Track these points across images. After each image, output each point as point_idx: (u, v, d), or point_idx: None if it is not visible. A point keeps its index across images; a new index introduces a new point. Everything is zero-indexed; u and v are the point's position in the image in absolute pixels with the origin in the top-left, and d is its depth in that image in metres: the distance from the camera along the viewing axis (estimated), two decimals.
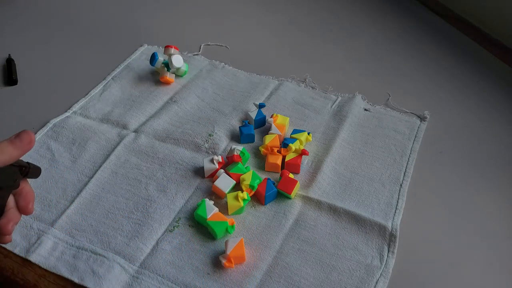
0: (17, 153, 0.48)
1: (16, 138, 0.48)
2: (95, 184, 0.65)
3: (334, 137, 0.72)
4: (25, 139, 0.48)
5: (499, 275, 0.56)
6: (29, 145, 0.48)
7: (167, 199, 0.63)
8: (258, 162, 0.69)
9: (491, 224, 0.61)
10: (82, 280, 0.53)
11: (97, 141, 0.71)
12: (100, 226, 0.59)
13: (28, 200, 0.52)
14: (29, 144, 0.48)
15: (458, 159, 0.70)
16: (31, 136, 0.48)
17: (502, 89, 0.83)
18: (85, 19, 1.00)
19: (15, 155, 0.48)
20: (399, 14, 1.04)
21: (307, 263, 0.56)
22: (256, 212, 0.62)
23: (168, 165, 0.68)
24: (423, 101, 0.80)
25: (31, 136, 0.48)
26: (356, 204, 0.62)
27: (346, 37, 0.97)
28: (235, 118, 0.76)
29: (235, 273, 0.54)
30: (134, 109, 0.77)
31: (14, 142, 0.48)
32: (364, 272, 0.55)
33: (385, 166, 0.68)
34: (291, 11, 1.05)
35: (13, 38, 0.94)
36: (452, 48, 0.93)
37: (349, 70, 0.87)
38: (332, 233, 0.59)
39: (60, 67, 0.87)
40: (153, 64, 0.82)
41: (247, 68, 0.87)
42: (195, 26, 0.99)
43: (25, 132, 0.48)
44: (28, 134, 0.48)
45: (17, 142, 0.48)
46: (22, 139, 0.48)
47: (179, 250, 0.57)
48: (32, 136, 0.48)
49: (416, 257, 0.57)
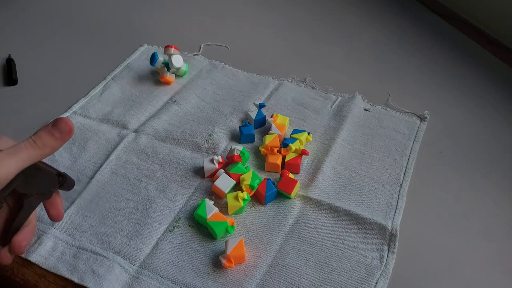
0: (58, 145, 0.44)
1: (54, 128, 0.44)
2: (95, 184, 0.65)
3: (334, 137, 0.72)
4: (65, 129, 0.44)
5: (499, 275, 0.56)
6: (69, 134, 0.44)
7: (167, 199, 0.63)
8: (258, 162, 0.69)
9: (491, 224, 0.61)
10: (82, 280, 0.53)
11: (97, 141, 0.71)
12: (100, 226, 0.59)
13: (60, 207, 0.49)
14: (69, 134, 0.44)
15: (458, 159, 0.70)
16: (70, 124, 0.44)
17: (502, 89, 0.83)
18: (85, 19, 1.00)
19: (57, 147, 0.44)
20: (399, 14, 1.04)
21: (307, 263, 0.56)
22: (256, 212, 0.62)
23: (168, 165, 0.68)
24: (423, 101, 0.80)
25: (70, 125, 0.44)
26: (356, 204, 0.62)
27: (346, 37, 0.97)
28: (235, 118, 0.76)
29: (235, 273, 0.54)
30: (134, 109, 0.77)
31: (53, 133, 0.44)
32: (364, 272, 0.55)
33: (385, 166, 0.68)
34: (291, 11, 1.05)
35: (13, 38, 0.94)
36: (452, 48, 0.93)
37: (349, 70, 0.87)
38: (332, 233, 0.59)
39: (60, 67, 0.87)
40: (153, 64, 0.82)
41: (247, 68, 0.87)
42: (195, 26, 0.99)
43: (63, 120, 0.44)
44: (67, 123, 0.44)
45: (56, 133, 0.44)
46: (61, 130, 0.44)
47: (179, 250, 0.57)
48: (72, 125, 0.44)
49: (416, 257, 0.57)
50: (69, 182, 0.49)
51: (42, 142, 0.43)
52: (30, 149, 0.42)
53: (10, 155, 0.41)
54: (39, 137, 0.43)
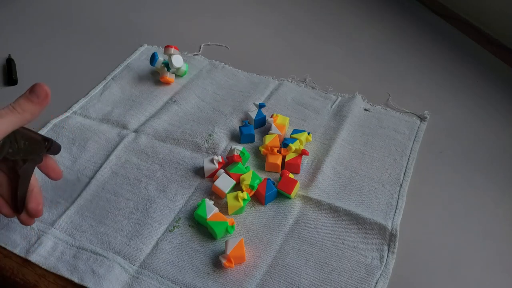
0: (37, 109, 0.45)
1: (31, 94, 0.45)
2: (95, 184, 0.65)
3: (334, 137, 0.72)
4: (41, 93, 0.45)
5: (499, 275, 0.56)
6: (46, 99, 0.45)
7: (167, 199, 0.63)
8: (258, 162, 0.69)
9: (491, 224, 0.61)
10: (82, 280, 0.53)
11: (97, 141, 0.71)
12: (100, 226, 0.59)
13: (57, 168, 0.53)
14: (45, 98, 0.45)
15: (458, 159, 0.70)
16: (46, 89, 0.45)
17: (502, 89, 0.83)
18: (85, 19, 1.00)
19: (36, 112, 0.46)
20: (399, 14, 1.04)
21: (307, 263, 0.56)
22: (256, 212, 0.62)
23: (168, 165, 0.68)
24: (423, 101, 0.80)
25: (46, 90, 0.45)
26: (356, 204, 0.62)
27: (346, 37, 0.97)
28: (235, 118, 0.76)
29: (235, 273, 0.54)
30: (134, 109, 0.77)
31: (31, 99, 0.45)
32: (364, 272, 0.55)
33: (385, 166, 0.68)
34: (291, 11, 1.05)
35: (13, 38, 0.94)
36: (452, 48, 0.93)
37: (349, 70, 0.87)
38: (332, 233, 0.59)
39: (60, 67, 0.87)
40: (153, 64, 0.82)
41: (247, 68, 0.87)
42: (195, 26, 0.99)
43: (39, 85, 0.45)
44: (43, 88, 0.45)
45: (33, 98, 0.45)
46: (38, 94, 0.45)
47: (179, 250, 0.57)
48: (48, 90, 0.45)
49: (416, 257, 0.57)
50: (55, 146, 0.51)
51: (21, 107, 0.45)
52: (10, 115, 0.44)
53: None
54: (18, 103, 0.45)
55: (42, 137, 0.50)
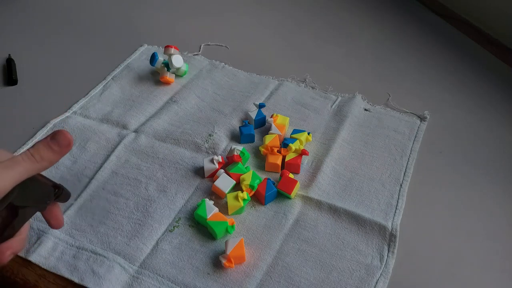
0: (56, 158, 0.43)
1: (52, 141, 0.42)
2: (95, 184, 0.65)
3: (334, 137, 0.72)
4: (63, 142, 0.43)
5: (499, 275, 0.56)
6: (67, 147, 0.43)
7: (167, 199, 0.63)
8: (258, 162, 0.69)
9: (491, 224, 0.61)
10: (82, 280, 0.53)
11: (97, 141, 0.71)
12: (100, 226, 0.59)
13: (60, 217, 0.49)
14: (67, 147, 0.43)
15: (458, 159, 0.70)
16: (69, 137, 0.43)
17: (502, 89, 0.83)
18: (85, 19, 1.00)
19: (55, 161, 0.43)
20: (399, 14, 1.04)
21: (307, 263, 0.56)
22: (256, 212, 0.62)
23: (168, 165, 0.68)
24: (423, 101, 0.80)
25: (69, 138, 0.43)
26: (356, 204, 0.62)
27: (346, 37, 0.97)
28: (235, 118, 0.76)
29: (235, 273, 0.54)
30: (134, 109, 0.77)
31: (52, 147, 0.42)
32: (364, 272, 0.55)
33: (385, 166, 0.68)
34: (291, 11, 1.05)
35: (13, 38, 0.94)
36: (452, 48, 0.93)
37: (349, 70, 0.87)
38: (332, 233, 0.59)
39: (60, 67, 0.87)
40: (153, 64, 0.82)
41: (247, 68, 0.87)
42: (195, 26, 0.99)
43: (62, 133, 0.43)
44: (66, 136, 0.43)
45: (54, 146, 0.42)
46: (60, 143, 0.43)
47: (179, 250, 0.57)
48: (70, 138, 0.43)
49: (416, 257, 0.57)
50: (65, 194, 0.48)
51: (40, 155, 0.42)
52: (28, 163, 0.41)
53: (7, 168, 0.40)
54: (37, 150, 0.42)
55: (53, 184, 0.46)
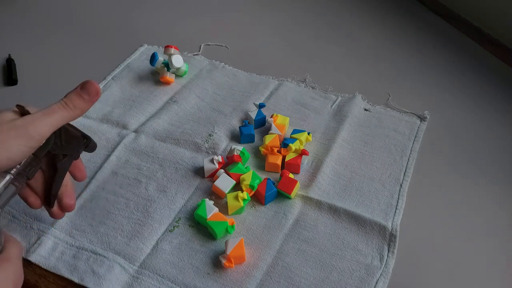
0: (87, 106, 0.47)
1: (83, 91, 0.47)
2: (95, 184, 0.65)
3: (334, 137, 0.72)
4: (92, 91, 0.47)
5: (499, 275, 0.56)
6: (96, 96, 0.47)
7: (167, 199, 0.63)
8: (258, 162, 0.69)
9: (491, 224, 0.61)
10: (82, 280, 0.53)
11: (97, 141, 0.71)
12: (100, 226, 0.59)
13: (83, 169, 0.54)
14: (96, 96, 0.47)
15: (458, 159, 0.70)
16: (97, 87, 0.47)
17: (502, 89, 0.83)
18: (85, 19, 1.00)
19: (86, 108, 0.47)
20: (399, 14, 1.04)
21: (307, 263, 0.56)
22: (256, 212, 0.62)
23: (168, 165, 0.68)
24: (423, 101, 0.80)
25: (97, 87, 0.47)
26: (356, 204, 0.62)
27: (346, 37, 0.97)
28: (235, 118, 0.76)
29: (235, 273, 0.54)
30: (134, 109, 0.77)
31: (82, 95, 0.47)
32: (364, 272, 0.55)
33: (385, 166, 0.68)
34: (291, 11, 1.05)
35: (13, 38, 0.94)
36: (452, 48, 0.93)
37: (349, 70, 0.87)
38: (332, 233, 0.59)
39: (60, 67, 0.87)
40: (153, 64, 0.82)
41: (247, 68, 0.87)
42: (195, 26, 0.99)
43: (90, 83, 0.47)
44: (94, 85, 0.47)
45: (85, 94, 0.47)
46: (89, 92, 0.47)
47: (179, 250, 0.57)
48: (98, 87, 0.47)
49: (416, 257, 0.57)
50: (93, 144, 0.53)
51: (72, 104, 0.46)
52: (63, 110, 0.46)
53: (46, 115, 0.45)
54: (70, 100, 0.47)
55: (82, 134, 0.51)
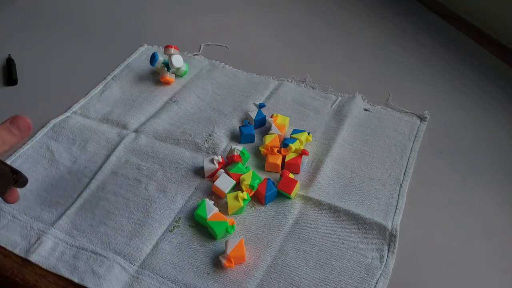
0: (16, 141, 0.45)
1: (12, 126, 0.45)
2: (95, 184, 0.65)
3: (334, 137, 0.72)
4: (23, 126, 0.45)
5: (499, 275, 0.56)
6: (27, 131, 0.45)
7: (167, 199, 0.63)
8: (258, 162, 0.69)
9: (491, 224, 0.61)
10: (82, 280, 0.53)
11: (97, 141, 0.71)
12: (100, 226, 0.59)
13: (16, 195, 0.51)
14: (27, 131, 0.45)
15: (458, 159, 0.70)
16: (28, 122, 0.45)
17: (502, 89, 0.83)
18: (85, 19, 1.00)
19: (15, 144, 0.45)
20: (399, 14, 1.04)
21: (307, 263, 0.56)
22: (256, 212, 0.62)
23: (168, 165, 0.68)
24: (423, 101, 0.80)
25: (28, 122, 0.45)
26: (356, 204, 0.62)
27: (346, 37, 0.97)
28: (235, 118, 0.76)
29: (235, 273, 0.54)
30: (134, 109, 0.77)
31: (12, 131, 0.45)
32: (364, 272, 0.55)
33: (385, 166, 0.68)
34: (291, 11, 1.05)
35: (13, 38, 0.94)
36: (452, 48, 0.93)
37: (349, 70, 0.87)
38: (332, 233, 0.59)
39: (60, 67, 0.87)
40: (153, 64, 0.82)
41: (247, 68, 0.87)
42: (195, 26, 0.99)
43: (21, 118, 0.45)
44: (25, 121, 0.45)
45: (14, 130, 0.45)
46: (20, 127, 0.45)
47: (179, 250, 0.57)
48: (29, 122, 0.45)
49: (416, 257, 0.57)
50: (23, 179, 0.49)
51: (1, 139, 0.43)
52: None
53: None
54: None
55: (11, 169, 0.47)
